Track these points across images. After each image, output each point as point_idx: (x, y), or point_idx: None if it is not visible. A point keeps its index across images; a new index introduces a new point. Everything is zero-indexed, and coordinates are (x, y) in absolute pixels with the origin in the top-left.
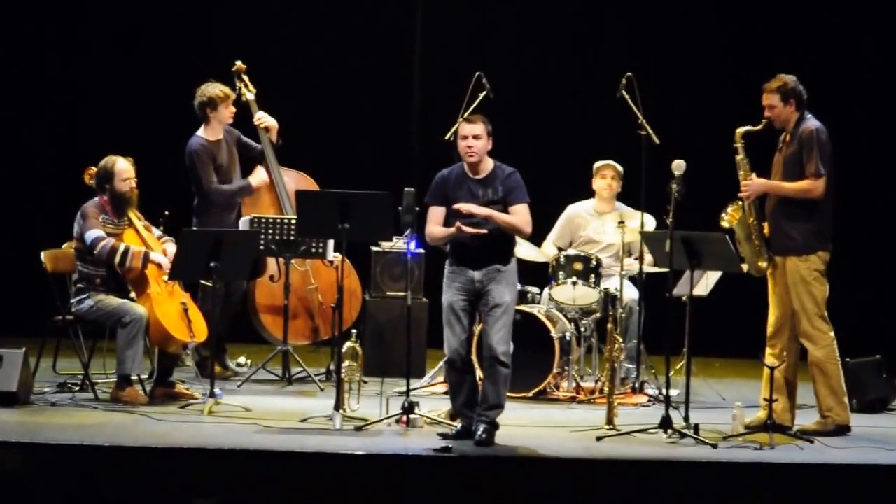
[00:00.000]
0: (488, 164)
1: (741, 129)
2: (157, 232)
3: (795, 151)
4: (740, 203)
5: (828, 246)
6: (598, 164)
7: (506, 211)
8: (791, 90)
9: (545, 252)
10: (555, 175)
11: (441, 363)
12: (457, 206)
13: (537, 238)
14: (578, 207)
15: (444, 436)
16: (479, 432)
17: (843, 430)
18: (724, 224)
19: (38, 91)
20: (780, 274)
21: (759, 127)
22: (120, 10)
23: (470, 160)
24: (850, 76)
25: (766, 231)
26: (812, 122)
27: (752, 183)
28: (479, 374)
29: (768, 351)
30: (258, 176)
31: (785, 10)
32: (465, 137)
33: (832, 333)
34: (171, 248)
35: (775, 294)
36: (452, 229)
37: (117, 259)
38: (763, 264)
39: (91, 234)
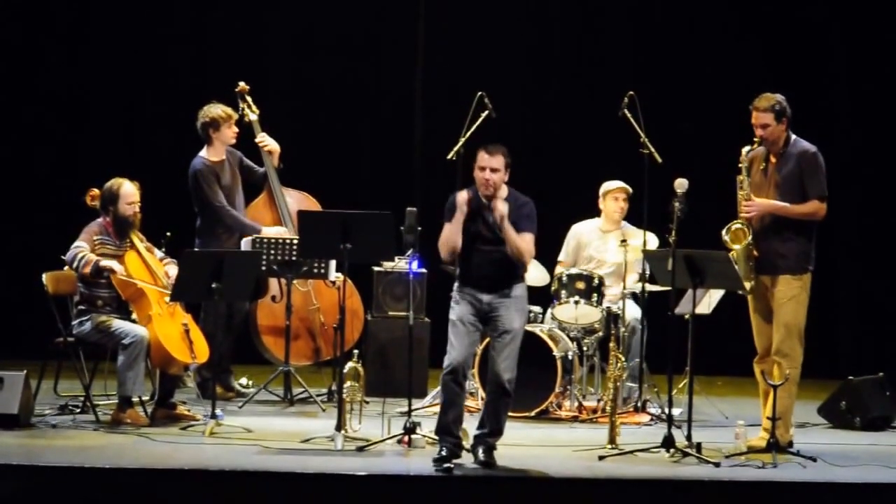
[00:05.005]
0: (503, 192)
1: (746, 148)
2: (159, 253)
3: (794, 172)
4: (743, 224)
5: (813, 266)
6: (608, 186)
7: None
8: (783, 109)
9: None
10: (557, 194)
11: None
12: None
13: (544, 259)
14: (584, 226)
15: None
16: (480, 455)
17: (786, 447)
18: (735, 246)
19: (40, 113)
20: (765, 294)
21: (755, 147)
22: (121, 32)
23: (485, 193)
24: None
25: (755, 252)
26: (807, 143)
27: (755, 203)
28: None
29: (758, 370)
30: (273, 229)
31: (786, 25)
32: (483, 169)
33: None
34: (173, 269)
35: (758, 313)
36: (459, 215)
37: (75, 264)
38: (751, 284)
39: (73, 245)
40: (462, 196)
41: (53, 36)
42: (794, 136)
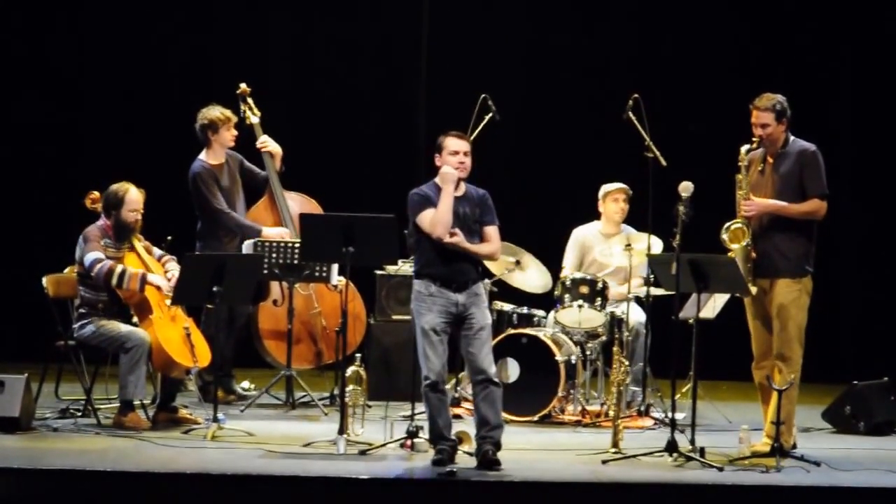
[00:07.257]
0: (462, 184)
1: (745, 147)
2: (157, 252)
3: (792, 171)
4: (742, 223)
5: (812, 269)
6: (608, 187)
7: (481, 230)
8: (784, 109)
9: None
10: (561, 197)
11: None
12: (448, 240)
13: (546, 262)
14: (585, 230)
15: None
16: (488, 454)
17: (789, 451)
18: (733, 245)
19: (40, 115)
20: (762, 297)
21: (754, 146)
22: (121, 34)
23: (461, 176)
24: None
25: (753, 253)
26: (807, 143)
27: (754, 203)
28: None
29: (756, 374)
30: (275, 230)
31: (787, 31)
32: (457, 153)
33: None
34: (173, 265)
35: (756, 318)
36: (450, 187)
37: (114, 281)
38: (753, 288)
39: (90, 257)
40: (451, 169)
41: (54, 37)
42: (792, 137)
